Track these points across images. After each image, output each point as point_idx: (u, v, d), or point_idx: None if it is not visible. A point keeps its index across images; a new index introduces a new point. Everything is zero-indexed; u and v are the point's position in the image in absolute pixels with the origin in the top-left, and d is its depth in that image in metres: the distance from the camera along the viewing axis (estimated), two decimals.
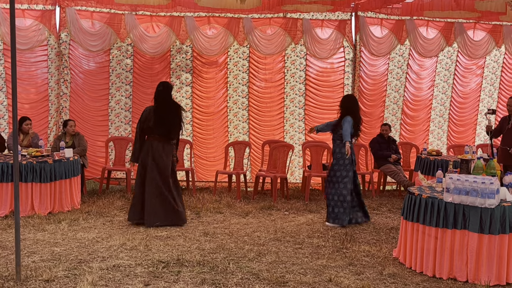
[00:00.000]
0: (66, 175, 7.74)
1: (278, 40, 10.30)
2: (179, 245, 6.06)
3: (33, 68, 9.64)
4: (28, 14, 9.43)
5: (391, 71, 10.75)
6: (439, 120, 11.20)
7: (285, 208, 8.33)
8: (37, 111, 9.63)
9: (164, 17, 10.02)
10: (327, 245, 6.21)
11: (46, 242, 6.09)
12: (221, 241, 6.31)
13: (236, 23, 10.18)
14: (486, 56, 11.14)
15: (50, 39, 9.63)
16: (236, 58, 10.40)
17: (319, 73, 10.64)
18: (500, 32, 11.02)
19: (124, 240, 6.18)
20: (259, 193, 9.49)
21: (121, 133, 10.15)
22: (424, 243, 5.20)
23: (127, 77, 10.10)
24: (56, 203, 7.65)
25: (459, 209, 4.96)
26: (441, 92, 11.12)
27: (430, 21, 10.69)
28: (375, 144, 9.79)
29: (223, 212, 7.96)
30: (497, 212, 4.85)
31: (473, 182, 4.88)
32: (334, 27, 10.42)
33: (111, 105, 10.08)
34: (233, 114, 10.52)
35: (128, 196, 8.86)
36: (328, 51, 10.42)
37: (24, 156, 7.73)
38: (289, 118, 10.62)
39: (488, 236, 4.87)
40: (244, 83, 10.48)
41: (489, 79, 11.34)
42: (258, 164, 10.29)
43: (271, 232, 6.78)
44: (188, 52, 10.23)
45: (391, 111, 10.86)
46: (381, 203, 8.88)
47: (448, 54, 11.01)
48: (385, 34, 10.57)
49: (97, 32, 9.78)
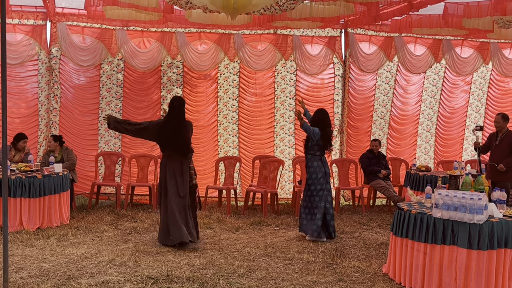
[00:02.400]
0: (55, 190, 7.70)
1: (268, 56, 10.38)
2: (169, 261, 6.03)
3: (23, 82, 9.64)
4: (19, 29, 9.44)
5: (379, 87, 10.86)
6: (426, 135, 11.30)
7: (275, 223, 8.33)
8: (27, 126, 9.60)
9: (155, 32, 10.07)
10: (317, 261, 6.21)
11: (34, 257, 6.04)
12: (211, 256, 6.29)
13: (227, 39, 10.25)
14: (473, 73, 11.29)
15: (40, 54, 9.63)
16: (227, 73, 10.45)
17: (309, 88, 10.73)
18: (488, 49, 11.18)
19: (113, 256, 6.14)
20: (250, 208, 9.48)
21: (111, 147, 10.13)
22: (413, 258, 5.22)
23: (117, 92, 10.11)
24: (45, 218, 7.59)
25: (448, 224, 4.99)
26: (428, 108, 11.23)
27: (418, 38, 10.83)
28: (365, 160, 9.84)
29: (213, 227, 7.94)
30: (485, 228, 4.88)
31: (462, 198, 4.92)
32: (324, 43, 10.52)
33: (101, 119, 10.08)
34: (223, 128, 10.55)
35: (117, 211, 8.82)
36: (318, 67, 10.51)
37: (13, 171, 7.69)
38: (279, 133, 10.67)
39: (476, 251, 4.90)
40: (234, 98, 10.52)
41: (476, 95, 11.48)
42: (248, 179, 10.29)
43: (261, 248, 6.77)
44: (179, 67, 10.27)
45: (378, 125, 10.95)
46: (371, 218, 8.90)
47: (435, 70, 11.14)
48: (374, 50, 10.68)
49: (88, 47, 9.80)
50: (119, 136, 10.14)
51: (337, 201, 9.54)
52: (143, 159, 9.80)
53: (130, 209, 9.19)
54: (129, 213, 8.76)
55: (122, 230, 7.63)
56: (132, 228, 7.74)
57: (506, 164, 7.91)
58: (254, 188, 9.33)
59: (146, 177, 9.72)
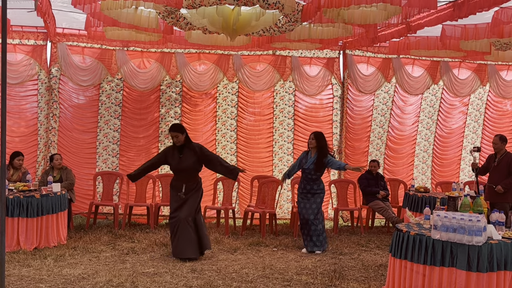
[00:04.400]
0: (53, 210, 7.67)
1: (267, 76, 10.44)
2: (166, 282, 5.99)
3: (23, 102, 9.67)
4: (19, 49, 9.50)
5: (376, 107, 10.91)
6: (423, 155, 11.33)
7: (273, 244, 8.29)
8: (26, 145, 9.61)
9: (155, 53, 10.14)
10: (315, 282, 6.17)
11: (31, 278, 5.99)
12: (208, 277, 6.25)
13: (226, 59, 10.32)
14: (471, 94, 11.35)
15: (40, 74, 9.68)
16: (225, 93, 10.51)
17: (308, 108, 10.77)
18: (485, 71, 11.26)
19: (111, 276, 6.10)
20: (248, 228, 9.44)
21: (109, 166, 10.13)
22: (412, 280, 5.19)
23: (116, 111, 10.14)
24: (42, 238, 7.55)
25: (446, 246, 4.98)
26: (425, 128, 11.28)
27: (416, 59, 10.91)
28: (363, 180, 9.83)
29: (211, 248, 7.90)
30: (484, 250, 4.87)
31: (461, 220, 4.91)
32: (322, 64, 10.59)
33: (99, 138, 10.09)
34: (222, 147, 10.57)
35: (115, 231, 8.79)
36: (317, 88, 10.57)
37: (11, 191, 7.67)
38: (278, 152, 10.69)
39: (476, 274, 4.87)
40: (233, 117, 10.56)
41: (473, 116, 11.53)
42: (247, 198, 10.27)
43: (259, 269, 6.73)
44: (178, 86, 10.32)
45: (375, 146, 10.98)
46: (369, 240, 8.87)
47: (433, 91, 11.20)
48: (372, 72, 10.75)
49: (88, 67, 9.86)
50: (116, 155, 10.16)
51: (336, 221, 9.51)
52: (141, 179, 9.76)
53: (128, 229, 9.14)
54: (126, 233, 8.71)
55: (120, 250, 7.58)
56: (130, 248, 7.70)
57: (504, 185, 7.92)
58: (253, 209, 9.31)
59: (144, 197, 9.69)
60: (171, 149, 7.25)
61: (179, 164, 7.10)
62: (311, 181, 7.81)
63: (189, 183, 7.11)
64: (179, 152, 7.12)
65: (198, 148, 7.17)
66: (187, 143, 7.14)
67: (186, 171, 7.11)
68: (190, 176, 7.15)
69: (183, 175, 7.13)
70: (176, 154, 7.13)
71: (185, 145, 7.13)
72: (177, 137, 7.10)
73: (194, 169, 7.16)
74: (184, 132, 7.15)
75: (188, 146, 7.13)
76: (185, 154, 7.09)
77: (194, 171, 7.19)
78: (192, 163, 7.08)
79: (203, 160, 7.15)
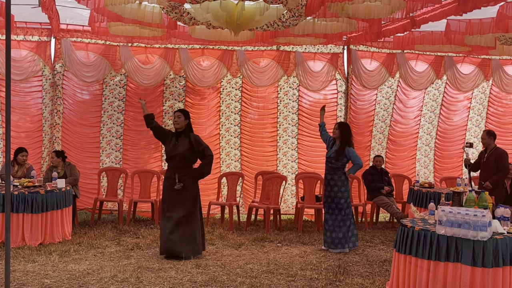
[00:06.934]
0: (58, 205, 7.69)
1: (271, 72, 10.42)
2: (171, 277, 6.00)
3: (28, 98, 9.70)
4: (23, 45, 9.51)
5: (379, 102, 10.88)
6: (425, 148, 11.30)
7: (278, 239, 8.29)
8: (31, 141, 9.63)
9: (158, 48, 10.13)
10: (320, 278, 6.17)
11: (36, 273, 6.01)
12: (213, 273, 6.26)
13: (230, 55, 10.31)
14: (474, 89, 11.30)
15: (45, 70, 9.69)
16: (229, 88, 10.50)
17: (312, 103, 10.75)
18: (489, 66, 11.20)
19: (115, 272, 6.12)
20: (252, 224, 9.45)
21: (112, 160, 10.15)
22: (417, 276, 5.17)
23: (119, 106, 10.15)
24: (47, 234, 7.57)
25: (451, 241, 4.96)
26: (427, 122, 11.25)
27: (420, 54, 10.86)
28: (367, 176, 9.82)
29: (216, 243, 7.91)
30: (489, 245, 4.85)
31: (465, 215, 4.89)
32: (326, 60, 10.56)
33: (103, 132, 10.11)
34: (225, 141, 10.57)
35: (120, 227, 8.81)
36: (321, 83, 10.55)
37: (16, 187, 7.69)
38: (282, 147, 10.68)
39: (481, 269, 4.85)
40: (237, 112, 10.56)
41: (476, 110, 11.48)
42: (251, 193, 10.27)
43: (263, 264, 6.73)
44: (182, 82, 10.32)
45: (377, 140, 10.95)
46: (374, 235, 8.86)
47: (436, 85, 11.15)
48: (376, 67, 10.71)
49: (92, 63, 9.86)
50: (120, 149, 10.18)
51: None
52: (145, 174, 9.80)
53: (133, 224, 9.17)
54: (131, 229, 8.74)
55: (124, 246, 7.60)
56: (134, 244, 7.71)
57: (492, 181, 7.87)
58: (257, 204, 9.31)
59: (148, 193, 9.71)
60: (172, 134, 7.18)
61: (172, 150, 7.00)
62: (332, 170, 7.77)
63: (181, 174, 6.95)
64: (177, 138, 7.08)
65: (193, 138, 7.05)
66: (186, 132, 7.08)
67: (177, 158, 6.95)
68: (182, 165, 6.97)
69: (175, 163, 6.98)
70: (173, 140, 7.07)
71: (184, 133, 7.08)
72: (179, 117, 7.02)
73: (186, 157, 6.97)
74: (187, 118, 7.07)
75: (187, 135, 7.06)
76: (180, 141, 7.02)
77: (187, 161, 6.99)
78: (184, 151, 6.93)
79: (197, 152, 7.05)
